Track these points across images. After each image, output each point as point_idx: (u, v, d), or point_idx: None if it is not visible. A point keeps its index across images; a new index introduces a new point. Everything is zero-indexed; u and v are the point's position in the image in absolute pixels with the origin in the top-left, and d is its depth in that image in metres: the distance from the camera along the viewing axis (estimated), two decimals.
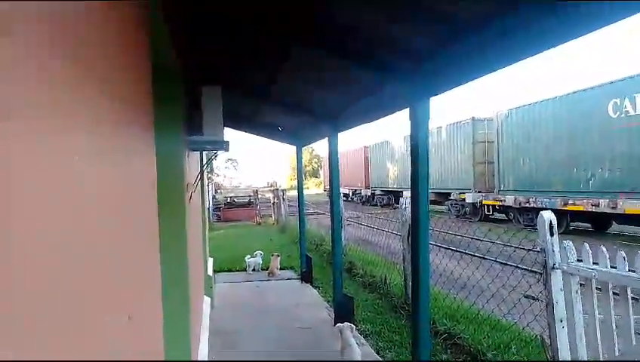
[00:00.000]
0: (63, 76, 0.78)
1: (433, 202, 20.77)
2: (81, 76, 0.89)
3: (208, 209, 13.88)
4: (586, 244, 3.33)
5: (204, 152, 6.24)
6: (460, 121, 19.24)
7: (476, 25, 2.26)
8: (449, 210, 20.33)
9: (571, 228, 14.00)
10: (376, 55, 3.11)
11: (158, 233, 1.86)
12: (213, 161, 13.57)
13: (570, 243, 3.38)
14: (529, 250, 4.84)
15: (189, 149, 3.73)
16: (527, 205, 14.75)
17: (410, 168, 3.13)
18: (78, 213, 0.85)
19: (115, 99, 1.18)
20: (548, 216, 3.44)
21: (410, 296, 4.86)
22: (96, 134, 1.00)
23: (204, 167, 6.24)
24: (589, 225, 14.40)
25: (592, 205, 12.45)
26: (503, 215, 17.13)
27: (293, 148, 8.05)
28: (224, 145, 3.94)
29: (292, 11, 2.79)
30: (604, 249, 3.17)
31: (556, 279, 3.35)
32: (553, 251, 3.36)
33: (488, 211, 17.47)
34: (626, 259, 3.01)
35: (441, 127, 20.57)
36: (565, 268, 3.31)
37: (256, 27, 3.16)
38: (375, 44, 2.96)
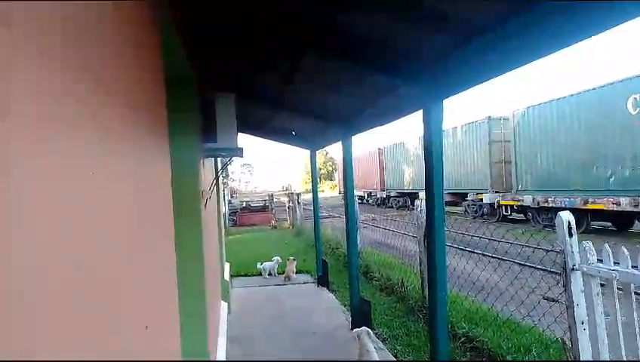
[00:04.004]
0: (72, 78, 0.78)
1: (450, 203, 20.59)
2: (92, 78, 0.90)
3: (224, 214, 13.98)
4: (607, 245, 3.26)
5: (219, 158, 6.29)
6: (476, 121, 19.02)
7: (488, 26, 2.24)
8: (466, 210, 20.11)
9: (592, 227, 13.71)
10: (389, 58, 3.10)
11: (174, 240, 1.88)
12: (229, 166, 13.68)
13: (590, 243, 3.32)
14: (548, 250, 4.76)
15: (203, 156, 3.78)
16: (546, 205, 14.49)
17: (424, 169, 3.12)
18: (92, 220, 0.86)
19: (127, 103, 1.19)
20: (566, 216, 3.38)
21: (427, 298, 4.82)
22: (109, 139, 1.02)
23: (220, 172, 6.29)
24: (610, 224, 14.08)
25: (613, 204, 12.16)
26: (522, 215, 16.87)
27: (307, 151, 8.07)
28: (238, 152, 3.97)
29: (305, 17, 2.81)
30: (625, 249, 3.11)
31: (576, 280, 3.29)
32: (572, 252, 3.30)
33: (506, 211, 17.23)
34: None
35: (456, 127, 20.37)
36: (585, 269, 3.25)
37: (270, 33, 3.18)
38: (387, 47, 2.96)
